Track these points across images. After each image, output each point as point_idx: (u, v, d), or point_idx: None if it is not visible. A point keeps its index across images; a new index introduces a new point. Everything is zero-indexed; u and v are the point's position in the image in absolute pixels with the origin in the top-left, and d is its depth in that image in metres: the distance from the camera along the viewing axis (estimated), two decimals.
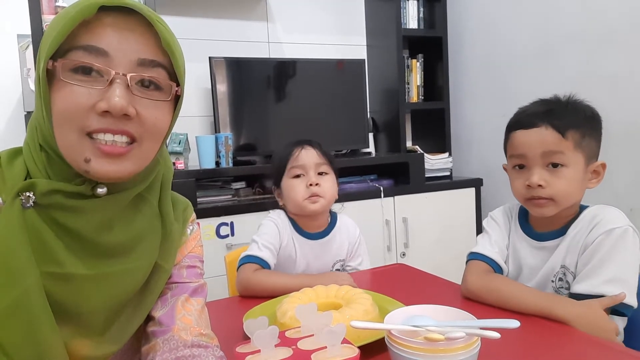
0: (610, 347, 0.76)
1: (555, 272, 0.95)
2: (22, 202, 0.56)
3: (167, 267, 0.70)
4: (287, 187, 1.25)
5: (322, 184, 1.23)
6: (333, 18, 2.68)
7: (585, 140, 0.91)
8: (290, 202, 1.25)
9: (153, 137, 0.60)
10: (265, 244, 1.20)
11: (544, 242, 0.98)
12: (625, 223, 0.89)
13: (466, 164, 2.73)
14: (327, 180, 1.25)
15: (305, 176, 1.23)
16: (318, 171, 1.24)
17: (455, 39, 2.67)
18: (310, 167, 1.24)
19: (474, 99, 2.66)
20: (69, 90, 0.55)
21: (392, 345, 0.64)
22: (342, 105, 2.49)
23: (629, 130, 1.85)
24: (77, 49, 0.55)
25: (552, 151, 0.91)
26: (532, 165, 0.93)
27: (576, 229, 0.94)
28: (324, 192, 1.23)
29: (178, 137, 2.08)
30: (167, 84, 0.60)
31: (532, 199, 0.94)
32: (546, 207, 0.93)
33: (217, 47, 2.38)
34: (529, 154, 0.93)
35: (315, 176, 1.23)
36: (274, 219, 1.26)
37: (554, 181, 0.91)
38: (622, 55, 1.88)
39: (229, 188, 2.18)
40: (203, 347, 0.68)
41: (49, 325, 0.57)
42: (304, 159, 1.24)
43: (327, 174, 1.26)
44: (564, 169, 0.91)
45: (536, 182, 0.91)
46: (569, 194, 0.92)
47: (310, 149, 1.25)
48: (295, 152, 1.24)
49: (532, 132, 0.93)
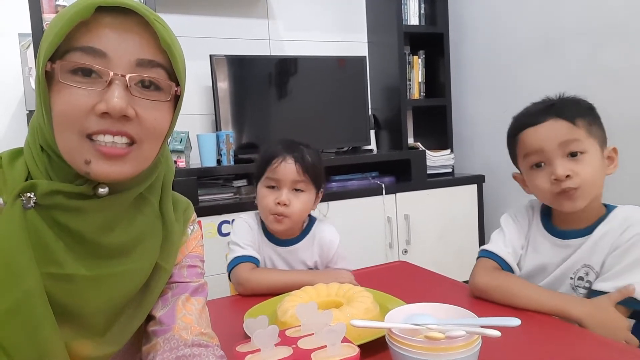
0: (611, 344, 0.76)
1: (575, 269, 0.94)
2: (23, 202, 0.56)
3: (167, 267, 0.70)
4: (259, 193, 1.20)
5: (293, 203, 1.15)
6: (334, 15, 2.68)
7: (593, 127, 0.91)
8: (259, 208, 1.21)
9: (153, 138, 0.60)
10: (246, 243, 1.17)
11: (568, 240, 0.96)
12: None
13: (468, 160, 2.73)
14: (300, 198, 1.16)
15: (278, 190, 1.16)
16: (294, 187, 1.16)
17: (457, 35, 2.66)
18: (285, 183, 1.15)
19: (476, 96, 2.65)
20: (68, 92, 0.55)
21: (393, 343, 0.64)
22: (344, 103, 2.49)
23: (633, 125, 1.84)
24: (75, 50, 0.55)
25: (569, 140, 0.89)
26: (552, 159, 0.91)
27: (605, 228, 0.91)
28: (291, 212, 1.15)
29: (179, 135, 2.08)
30: (167, 84, 0.60)
31: (562, 192, 0.90)
32: (577, 199, 0.90)
33: (218, 44, 2.38)
34: (546, 148, 0.91)
35: (288, 193, 1.15)
36: (246, 220, 1.23)
37: (579, 168, 0.89)
38: (625, 49, 1.87)
39: (230, 186, 2.18)
40: (204, 347, 0.68)
41: (50, 326, 0.57)
42: (281, 172, 1.15)
43: (303, 192, 1.17)
44: (584, 156, 0.89)
45: (562, 173, 0.88)
46: (594, 181, 0.90)
47: (291, 163, 1.15)
48: (274, 163, 1.15)
49: (543, 127, 0.92)
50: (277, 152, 1.17)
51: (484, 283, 0.96)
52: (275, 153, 1.17)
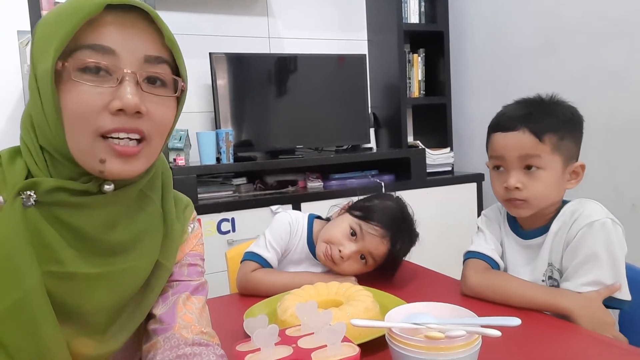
0: (611, 343, 0.77)
1: (544, 270, 0.96)
2: (23, 200, 0.56)
3: (168, 265, 0.70)
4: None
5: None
6: (334, 13, 2.67)
7: (563, 143, 0.92)
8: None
9: (160, 133, 0.60)
10: (272, 244, 1.13)
11: (530, 240, 1.00)
12: (604, 215, 0.89)
13: (468, 159, 2.72)
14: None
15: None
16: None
17: (457, 33, 2.66)
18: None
19: (476, 94, 2.65)
20: (81, 91, 0.54)
21: (393, 343, 0.64)
22: (343, 101, 2.49)
23: (630, 125, 1.84)
24: (84, 48, 0.54)
25: (529, 155, 0.92)
26: (509, 168, 0.95)
27: (558, 224, 0.95)
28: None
29: (179, 133, 2.08)
30: (172, 79, 0.60)
31: (509, 199, 0.96)
32: (522, 209, 0.95)
33: (217, 42, 2.37)
34: (507, 157, 0.95)
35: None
36: (290, 219, 1.16)
37: (530, 183, 0.93)
38: (625, 49, 1.87)
39: (229, 184, 2.18)
40: (204, 346, 0.68)
41: (51, 324, 0.57)
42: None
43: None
44: (540, 171, 0.92)
45: (513, 184, 0.93)
46: (544, 196, 0.93)
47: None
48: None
49: (510, 136, 0.94)
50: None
51: (477, 284, 0.97)
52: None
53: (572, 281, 0.89)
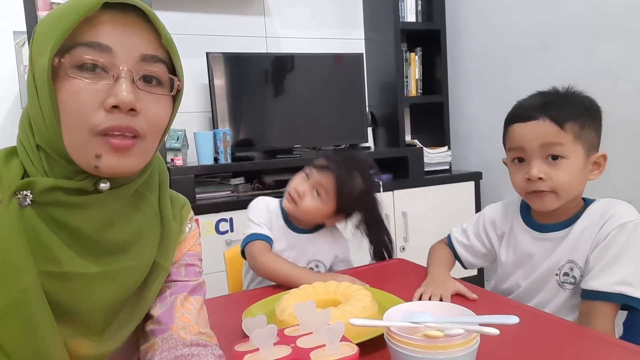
0: (609, 341, 0.77)
1: (559, 265, 0.95)
2: (19, 200, 0.56)
3: (165, 265, 0.70)
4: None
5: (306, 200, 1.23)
6: (331, 12, 2.67)
7: (584, 132, 0.90)
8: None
9: (155, 132, 0.60)
10: (262, 223, 1.22)
11: (547, 234, 0.97)
12: (636, 217, 0.88)
13: (465, 157, 2.73)
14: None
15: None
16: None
17: (454, 31, 2.66)
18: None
19: (473, 92, 2.65)
20: (77, 87, 0.54)
21: (391, 342, 0.64)
22: (341, 100, 2.49)
23: (628, 123, 1.84)
24: (81, 45, 0.55)
25: (551, 143, 0.90)
26: (531, 158, 0.92)
27: (585, 223, 0.92)
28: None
29: (176, 133, 2.08)
30: (168, 78, 0.61)
31: (532, 192, 0.93)
32: (547, 200, 0.92)
33: (214, 42, 2.37)
34: (528, 147, 0.92)
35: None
36: (266, 200, 1.29)
37: (554, 173, 0.90)
38: (622, 47, 1.87)
39: (227, 184, 2.18)
40: (202, 346, 0.68)
41: (48, 324, 0.56)
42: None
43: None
44: (563, 160, 0.90)
45: (535, 175, 0.90)
46: (570, 186, 0.91)
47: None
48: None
49: (530, 125, 0.92)
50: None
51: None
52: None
53: (598, 280, 0.87)
